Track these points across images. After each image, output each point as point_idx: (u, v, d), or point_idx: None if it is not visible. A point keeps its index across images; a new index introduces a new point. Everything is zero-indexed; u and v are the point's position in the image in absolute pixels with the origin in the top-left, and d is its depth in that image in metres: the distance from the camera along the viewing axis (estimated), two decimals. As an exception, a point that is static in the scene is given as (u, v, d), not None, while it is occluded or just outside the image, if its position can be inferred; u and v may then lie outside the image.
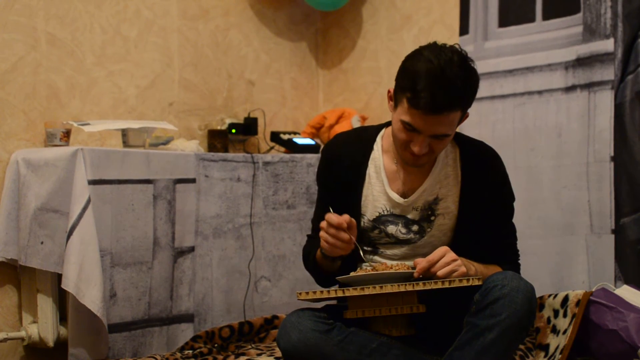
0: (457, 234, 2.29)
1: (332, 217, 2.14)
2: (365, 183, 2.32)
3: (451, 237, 2.30)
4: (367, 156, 2.33)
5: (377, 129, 2.38)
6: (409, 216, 2.30)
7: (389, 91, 2.23)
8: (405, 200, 2.29)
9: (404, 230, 2.30)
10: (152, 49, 3.37)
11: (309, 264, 2.38)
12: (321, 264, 2.30)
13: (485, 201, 2.28)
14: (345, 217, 2.15)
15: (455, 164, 2.31)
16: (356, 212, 2.30)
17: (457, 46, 2.17)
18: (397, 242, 2.31)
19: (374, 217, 2.31)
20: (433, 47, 2.15)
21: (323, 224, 2.17)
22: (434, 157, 2.25)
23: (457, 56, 2.12)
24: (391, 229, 2.30)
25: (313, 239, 2.39)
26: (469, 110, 2.22)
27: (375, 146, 2.34)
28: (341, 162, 2.33)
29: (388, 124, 2.35)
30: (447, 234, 2.30)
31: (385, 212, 2.30)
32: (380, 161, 2.32)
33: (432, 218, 2.29)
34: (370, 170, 2.32)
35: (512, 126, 3.27)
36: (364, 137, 2.35)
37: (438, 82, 2.07)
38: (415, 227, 2.30)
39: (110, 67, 3.25)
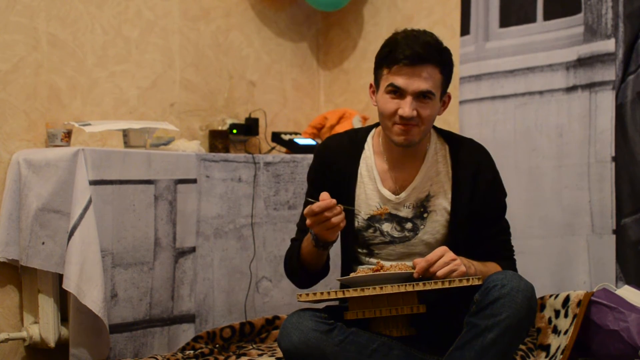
0: (450, 231, 2.30)
1: (319, 203, 2.12)
2: (357, 183, 2.34)
3: (445, 235, 2.31)
4: (358, 156, 2.35)
5: (367, 130, 2.42)
6: (402, 214, 2.31)
7: (370, 85, 2.33)
8: (397, 197, 2.30)
9: (398, 228, 2.31)
10: (153, 49, 3.38)
11: (293, 265, 2.36)
12: (309, 260, 2.29)
13: (477, 196, 2.30)
14: (329, 200, 2.12)
15: (446, 161, 2.33)
16: (350, 212, 2.31)
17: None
18: (391, 240, 2.32)
19: (369, 215, 2.32)
20: (405, 29, 2.29)
21: (310, 216, 2.13)
22: (423, 131, 2.24)
23: (425, 31, 2.26)
24: (386, 226, 2.31)
25: (298, 242, 2.38)
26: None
27: (366, 146, 2.37)
28: (334, 164, 2.35)
29: (378, 124, 2.37)
30: (441, 231, 2.31)
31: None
32: (371, 160, 2.34)
33: (425, 215, 2.30)
34: (362, 169, 2.34)
35: (513, 126, 3.27)
36: (355, 139, 2.39)
37: (413, 39, 2.21)
38: (408, 225, 2.31)
39: (111, 67, 3.25)
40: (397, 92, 2.21)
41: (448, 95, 2.30)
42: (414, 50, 2.18)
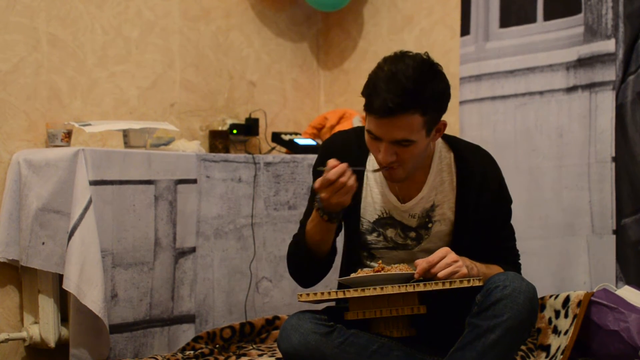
0: (454, 239, 2.28)
1: (334, 170, 2.10)
2: (363, 185, 2.31)
3: (447, 243, 2.28)
4: (364, 158, 2.31)
5: None
6: (406, 223, 2.29)
7: None
8: (403, 205, 2.28)
9: (402, 235, 2.30)
10: (154, 49, 3.38)
11: (298, 254, 2.31)
12: (317, 241, 2.24)
13: (482, 207, 2.27)
14: (342, 165, 2.11)
15: (450, 170, 2.29)
16: (356, 215, 2.30)
17: (424, 54, 2.15)
18: (394, 246, 2.31)
19: (374, 219, 2.31)
20: (394, 56, 2.14)
21: (326, 186, 2.11)
22: (409, 168, 2.18)
23: (415, 62, 2.10)
24: (390, 232, 2.30)
25: (302, 228, 2.34)
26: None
27: None
28: (340, 159, 2.31)
29: None
30: (444, 239, 2.29)
31: (385, 215, 2.30)
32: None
33: (430, 225, 2.28)
34: (368, 172, 2.31)
35: (514, 127, 3.27)
36: (362, 138, 2.32)
37: (388, 85, 2.06)
38: (412, 234, 2.29)
39: (111, 67, 3.25)
40: (376, 138, 2.14)
41: (442, 123, 2.19)
42: (385, 103, 2.05)
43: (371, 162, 2.32)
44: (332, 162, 2.12)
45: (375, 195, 2.31)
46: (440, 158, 2.29)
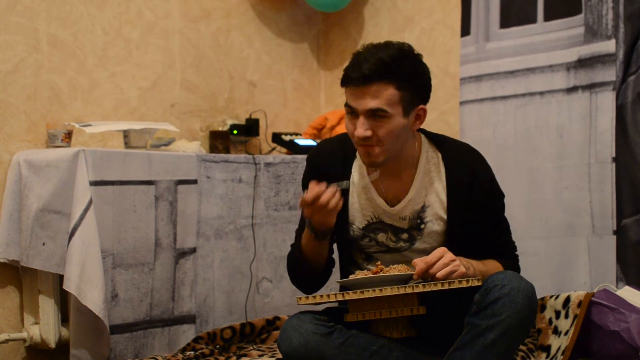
0: (448, 238, 2.28)
1: (312, 193, 2.12)
2: (350, 191, 2.31)
3: (442, 243, 2.28)
4: (350, 163, 2.31)
5: None
6: (398, 225, 2.29)
7: None
8: (392, 208, 2.28)
9: (393, 239, 2.29)
10: (154, 50, 3.38)
11: (297, 267, 2.34)
12: (311, 256, 2.28)
13: (474, 204, 2.27)
14: (319, 186, 2.14)
15: (439, 169, 2.29)
16: (344, 221, 2.30)
17: (405, 43, 2.20)
18: (387, 250, 2.31)
19: (364, 225, 2.30)
20: (378, 43, 2.20)
21: (307, 207, 2.14)
22: (387, 149, 2.16)
23: (396, 45, 2.17)
24: (381, 236, 2.30)
25: (298, 242, 2.36)
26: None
27: (358, 154, 2.29)
28: (326, 170, 2.31)
29: None
30: (438, 239, 2.29)
31: (374, 220, 2.30)
32: (364, 168, 2.30)
33: (422, 227, 2.28)
34: (355, 177, 2.31)
35: (514, 127, 3.27)
36: (347, 144, 2.31)
37: (364, 56, 2.14)
38: (405, 236, 2.29)
39: (112, 68, 3.25)
40: (353, 112, 2.17)
41: (422, 109, 2.20)
42: (361, 71, 2.12)
43: (357, 169, 2.32)
44: (312, 183, 2.15)
45: (362, 201, 2.30)
46: (427, 158, 2.29)
